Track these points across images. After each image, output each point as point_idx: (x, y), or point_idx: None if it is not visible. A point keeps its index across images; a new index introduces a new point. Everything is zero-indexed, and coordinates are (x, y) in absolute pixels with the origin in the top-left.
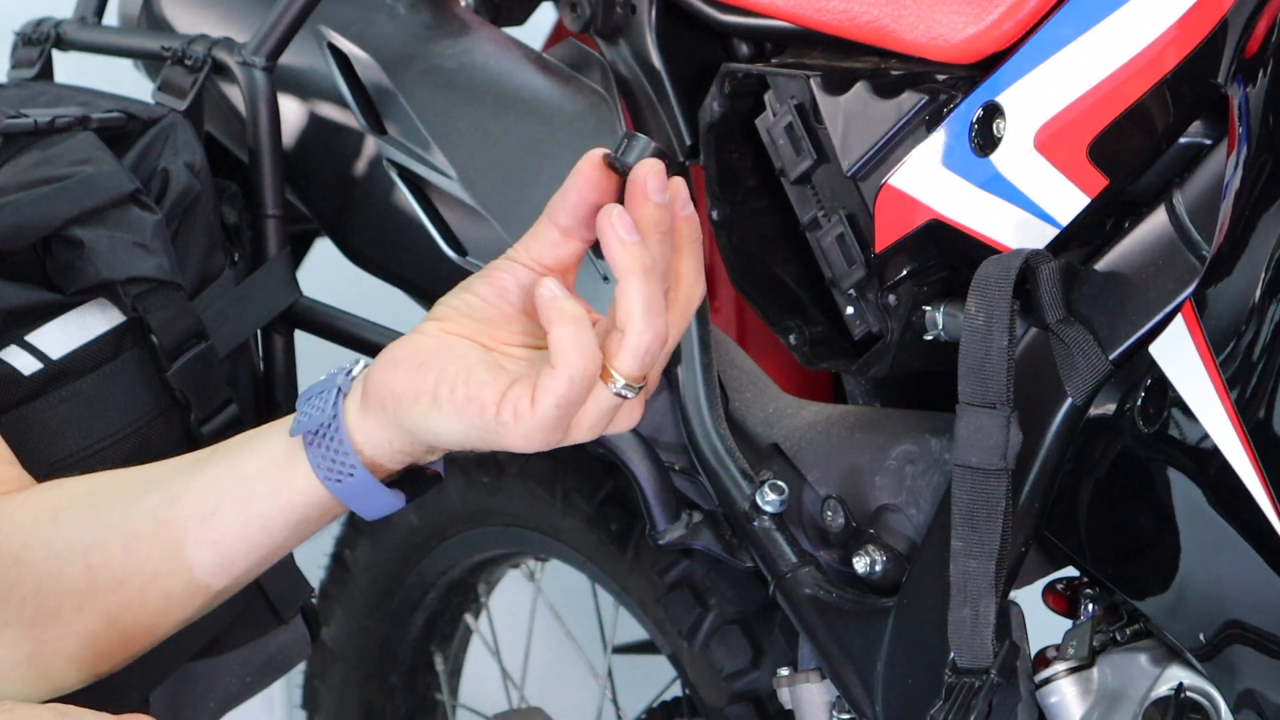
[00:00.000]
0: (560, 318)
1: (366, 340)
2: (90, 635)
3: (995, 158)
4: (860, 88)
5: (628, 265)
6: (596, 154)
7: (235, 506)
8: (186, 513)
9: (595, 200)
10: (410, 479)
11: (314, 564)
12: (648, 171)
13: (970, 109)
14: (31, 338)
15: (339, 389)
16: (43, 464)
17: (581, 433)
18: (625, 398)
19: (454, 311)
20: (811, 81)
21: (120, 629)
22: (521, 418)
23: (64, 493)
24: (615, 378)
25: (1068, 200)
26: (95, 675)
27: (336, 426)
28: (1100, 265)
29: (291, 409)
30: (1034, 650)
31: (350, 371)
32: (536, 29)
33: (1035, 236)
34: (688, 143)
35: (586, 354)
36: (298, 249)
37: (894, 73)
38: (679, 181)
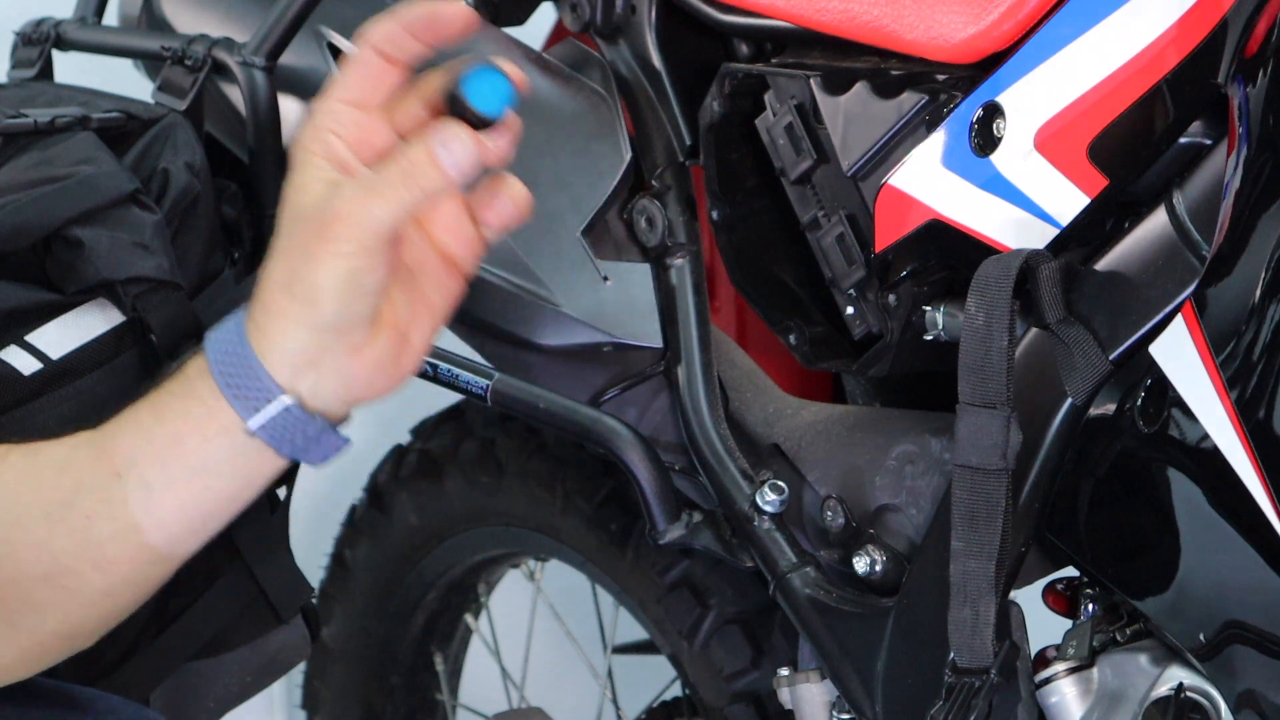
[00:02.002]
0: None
1: None
2: (67, 635)
3: (995, 158)
4: (860, 88)
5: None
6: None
7: (226, 515)
8: (167, 536)
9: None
10: None
11: (314, 564)
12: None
13: (970, 109)
14: (31, 338)
15: (329, 427)
16: None
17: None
18: None
19: (360, 319)
20: (811, 81)
21: (104, 620)
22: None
23: None
24: None
25: (1068, 200)
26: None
27: (318, 424)
28: (1100, 265)
29: None
30: (1034, 650)
31: (300, 417)
32: (536, 29)
33: (1035, 236)
34: (688, 143)
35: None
36: None
37: (894, 73)
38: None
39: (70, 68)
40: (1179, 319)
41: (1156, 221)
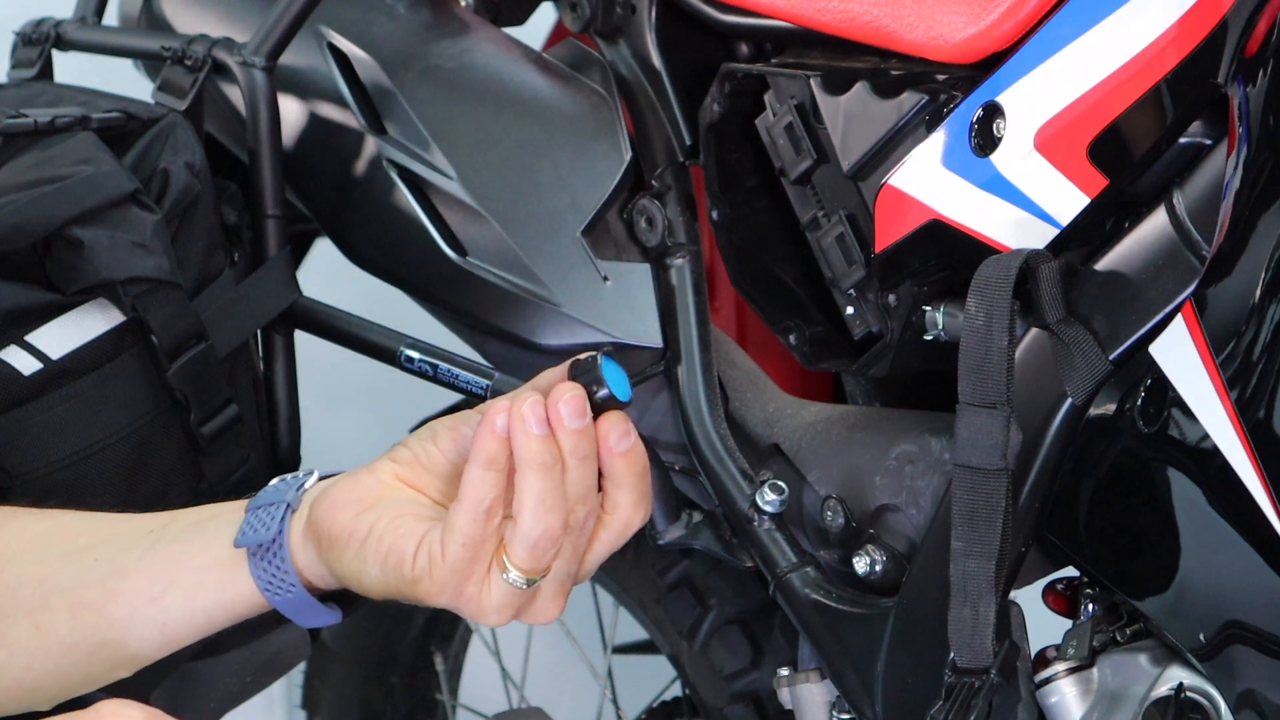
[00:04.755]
0: (476, 456)
1: (366, 340)
2: (29, 688)
3: (995, 158)
4: (860, 88)
5: (525, 458)
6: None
7: (181, 595)
8: (134, 590)
9: None
10: (349, 594)
11: None
12: (560, 398)
13: (970, 109)
14: (31, 338)
15: (288, 505)
16: (43, 464)
17: (490, 615)
18: (519, 588)
19: (413, 458)
20: (811, 81)
21: (61, 688)
22: (435, 563)
23: (14, 538)
24: (508, 566)
25: (1068, 200)
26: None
27: (280, 544)
28: (1100, 265)
29: (292, 409)
30: (1034, 650)
31: (302, 485)
32: (536, 29)
33: (1035, 236)
34: (688, 143)
35: (486, 494)
36: (298, 249)
37: (894, 73)
38: (615, 417)
39: (70, 68)
40: (1179, 319)
41: (1156, 221)
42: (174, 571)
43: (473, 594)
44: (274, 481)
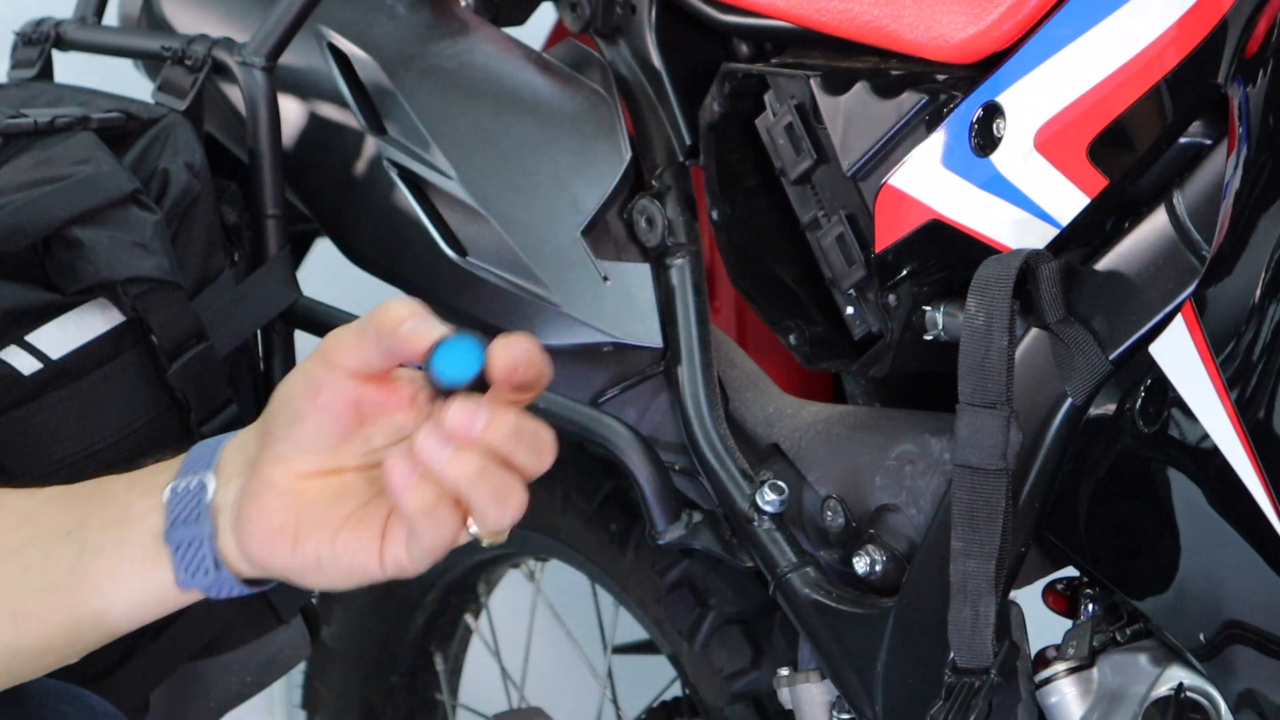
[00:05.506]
0: (410, 511)
1: None
2: None
3: (995, 158)
4: (860, 88)
5: (462, 482)
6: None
7: (125, 609)
8: (74, 604)
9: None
10: None
11: None
12: (449, 416)
13: (970, 109)
14: (31, 338)
15: (209, 536)
16: (42, 464)
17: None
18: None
19: (295, 450)
20: (811, 81)
21: (28, 676)
22: (404, 568)
23: None
24: (481, 537)
25: (1068, 200)
26: None
27: (224, 575)
28: (1100, 265)
29: None
30: (1034, 650)
31: (204, 502)
32: (536, 29)
33: (1035, 236)
34: (688, 143)
35: (442, 534)
36: (298, 249)
37: (894, 73)
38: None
39: (70, 68)
40: (1179, 319)
41: (1156, 221)
42: (111, 591)
43: (447, 551)
44: (166, 494)
